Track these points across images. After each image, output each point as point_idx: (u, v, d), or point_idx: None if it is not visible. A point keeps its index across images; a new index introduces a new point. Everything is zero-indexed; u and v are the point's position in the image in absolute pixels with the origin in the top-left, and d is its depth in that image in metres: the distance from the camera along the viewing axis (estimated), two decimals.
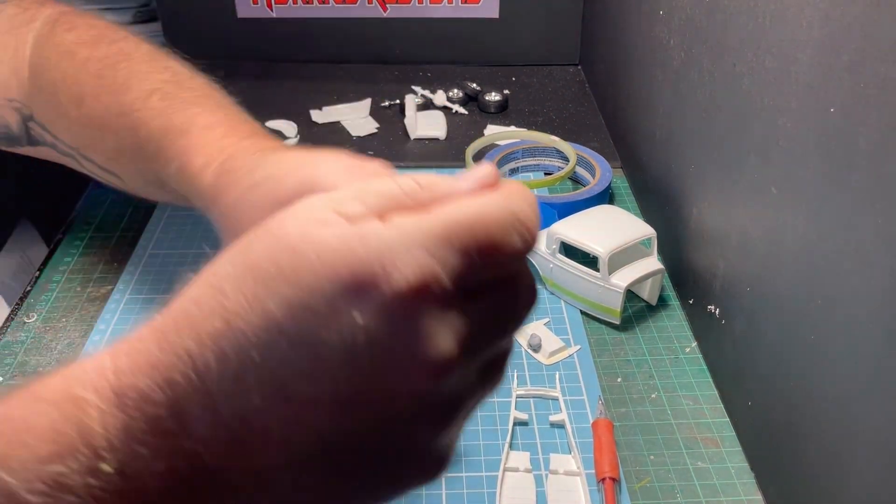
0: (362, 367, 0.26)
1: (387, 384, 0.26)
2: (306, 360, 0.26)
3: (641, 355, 0.62)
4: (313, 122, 0.94)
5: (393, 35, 1.06)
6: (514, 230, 0.27)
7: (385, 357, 0.26)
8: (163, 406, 0.27)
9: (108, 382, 0.27)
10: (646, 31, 0.74)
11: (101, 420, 0.26)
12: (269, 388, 0.26)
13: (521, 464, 0.53)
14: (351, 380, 0.26)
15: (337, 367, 0.26)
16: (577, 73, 1.07)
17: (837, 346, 0.41)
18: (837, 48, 0.40)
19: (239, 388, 0.26)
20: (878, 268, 0.37)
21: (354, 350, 0.25)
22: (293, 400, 0.26)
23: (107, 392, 0.27)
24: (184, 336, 0.28)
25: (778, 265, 0.48)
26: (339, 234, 0.26)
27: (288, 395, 0.26)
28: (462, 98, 0.98)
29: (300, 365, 0.26)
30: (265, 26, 1.06)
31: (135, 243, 0.73)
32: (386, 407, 0.27)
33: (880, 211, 0.37)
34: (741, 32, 0.52)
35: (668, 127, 0.68)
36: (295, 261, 0.26)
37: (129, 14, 1.15)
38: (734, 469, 0.53)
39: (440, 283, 0.25)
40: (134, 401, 0.27)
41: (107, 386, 0.27)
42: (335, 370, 0.26)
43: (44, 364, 0.61)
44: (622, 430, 0.55)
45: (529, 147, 0.83)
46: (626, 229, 0.64)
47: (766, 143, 0.49)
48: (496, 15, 1.05)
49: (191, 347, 0.27)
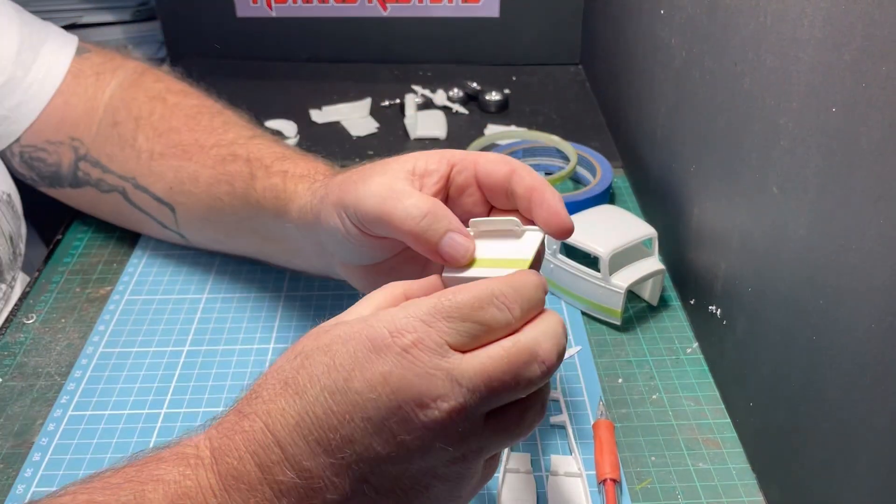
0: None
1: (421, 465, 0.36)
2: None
3: (642, 356, 0.61)
4: (313, 121, 0.94)
5: (393, 34, 1.06)
6: (538, 372, 0.36)
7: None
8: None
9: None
10: (647, 30, 0.74)
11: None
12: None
13: (522, 465, 0.52)
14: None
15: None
16: (577, 73, 1.07)
17: (839, 346, 0.41)
18: (839, 47, 0.40)
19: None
20: (880, 268, 0.37)
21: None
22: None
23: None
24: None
25: (779, 265, 0.48)
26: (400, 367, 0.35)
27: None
28: (462, 97, 0.98)
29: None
30: (265, 25, 1.06)
31: (135, 244, 0.73)
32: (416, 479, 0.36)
33: (882, 211, 0.36)
34: (742, 32, 0.52)
35: (669, 126, 0.68)
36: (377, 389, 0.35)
37: (128, 12, 1.14)
38: (735, 470, 0.52)
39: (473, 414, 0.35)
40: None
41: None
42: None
43: (43, 365, 0.60)
44: (623, 431, 0.55)
45: (530, 147, 0.83)
46: (626, 229, 0.64)
47: (767, 143, 0.49)
48: (496, 14, 1.05)
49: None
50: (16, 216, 0.68)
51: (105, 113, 0.66)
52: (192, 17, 1.05)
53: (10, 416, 0.56)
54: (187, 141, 0.62)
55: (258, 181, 0.57)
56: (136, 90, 0.67)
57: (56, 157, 0.68)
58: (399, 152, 0.93)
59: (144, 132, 0.64)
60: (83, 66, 0.69)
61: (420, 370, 0.34)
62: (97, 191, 0.68)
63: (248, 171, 0.58)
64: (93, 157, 0.66)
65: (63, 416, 0.56)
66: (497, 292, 0.37)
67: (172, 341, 0.63)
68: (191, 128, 0.63)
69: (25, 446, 0.54)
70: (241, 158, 0.59)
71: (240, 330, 0.64)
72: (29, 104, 0.66)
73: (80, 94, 0.67)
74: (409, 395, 0.34)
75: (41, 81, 0.67)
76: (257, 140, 0.61)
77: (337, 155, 0.87)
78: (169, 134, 0.63)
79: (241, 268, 0.70)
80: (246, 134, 0.62)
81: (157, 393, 0.58)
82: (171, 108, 0.65)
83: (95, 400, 0.58)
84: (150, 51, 1.12)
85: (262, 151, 0.58)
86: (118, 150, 0.65)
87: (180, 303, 0.66)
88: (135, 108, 0.65)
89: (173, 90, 0.67)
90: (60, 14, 1.11)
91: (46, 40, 0.68)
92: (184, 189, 0.62)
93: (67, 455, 0.53)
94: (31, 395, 0.58)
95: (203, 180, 0.61)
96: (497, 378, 0.35)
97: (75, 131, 0.67)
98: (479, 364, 0.35)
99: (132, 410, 0.57)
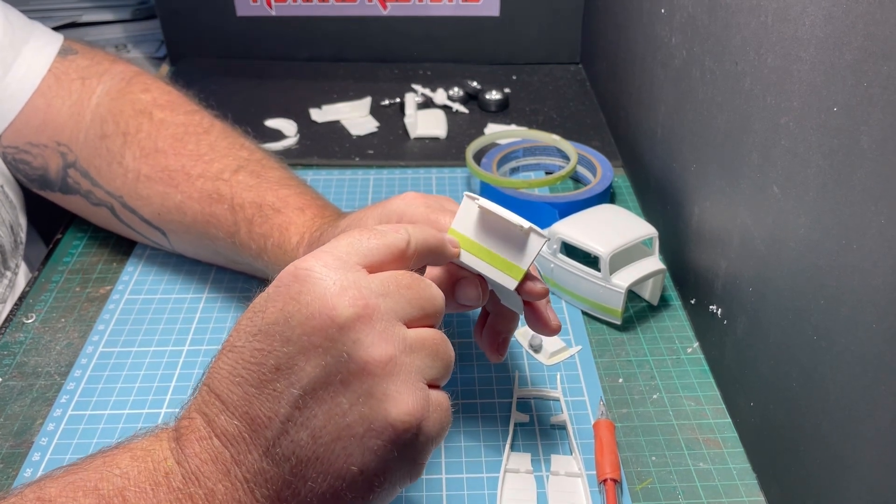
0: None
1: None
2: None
3: (643, 356, 0.61)
4: (313, 121, 0.94)
5: (393, 33, 1.06)
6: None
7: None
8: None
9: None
10: (647, 29, 0.74)
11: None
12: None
13: (522, 465, 0.52)
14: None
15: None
16: (578, 72, 1.06)
17: (840, 346, 0.41)
18: (840, 47, 0.40)
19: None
20: (880, 267, 0.37)
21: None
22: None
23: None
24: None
25: (780, 265, 0.48)
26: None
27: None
28: (462, 97, 0.97)
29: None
30: (264, 24, 1.06)
31: (134, 243, 0.73)
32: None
33: (883, 210, 0.36)
34: (743, 31, 0.52)
35: (669, 126, 0.68)
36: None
37: (128, 11, 1.14)
38: (736, 470, 0.52)
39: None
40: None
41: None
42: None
43: (42, 364, 0.60)
44: (623, 430, 0.55)
45: (530, 146, 0.82)
46: (627, 229, 0.64)
47: (768, 142, 0.49)
48: (497, 13, 1.05)
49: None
50: (12, 206, 0.68)
51: (92, 121, 0.66)
52: (191, 15, 1.05)
53: (9, 415, 0.56)
54: (174, 166, 0.62)
55: (241, 235, 0.59)
56: (123, 101, 0.66)
57: (42, 161, 0.67)
58: (399, 151, 0.93)
59: (132, 150, 0.64)
60: (68, 69, 0.68)
61: (328, 282, 0.36)
62: (87, 202, 0.68)
63: (233, 219, 0.60)
64: (82, 166, 0.66)
65: (63, 416, 0.56)
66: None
67: (172, 341, 0.63)
68: (177, 151, 0.63)
69: (25, 446, 0.54)
70: (225, 200, 0.60)
71: None
72: (6, 103, 0.66)
73: (63, 97, 0.67)
74: (322, 304, 0.35)
75: (20, 80, 0.66)
76: (241, 175, 0.61)
77: (337, 154, 0.87)
78: (156, 156, 0.63)
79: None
80: (231, 166, 0.62)
81: (156, 392, 0.58)
82: (158, 125, 0.64)
83: (95, 399, 0.58)
84: (150, 49, 1.12)
85: (244, 197, 0.60)
86: (105, 165, 0.65)
87: (180, 302, 0.66)
88: (122, 123, 0.65)
89: (160, 103, 0.66)
90: (60, 12, 1.12)
91: (29, 39, 0.68)
92: (172, 218, 0.63)
93: (67, 455, 0.53)
94: (31, 394, 0.58)
95: (190, 214, 0.62)
96: (400, 280, 0.38)
97: (61, 136, 0.66)
98: (384, 273, 0.38)
99: (132, 410, 0.57)
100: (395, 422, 0.36)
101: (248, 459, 0.36)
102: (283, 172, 0.63)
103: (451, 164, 0.86)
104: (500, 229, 0.45)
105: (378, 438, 0.36)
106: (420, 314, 0.39)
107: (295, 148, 0.89)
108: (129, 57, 1.10)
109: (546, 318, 0.49)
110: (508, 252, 0.45)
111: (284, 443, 0.35)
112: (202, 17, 1.05)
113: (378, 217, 0.50)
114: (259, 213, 0.59)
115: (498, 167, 0.79)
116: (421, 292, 0.39)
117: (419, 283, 0.39)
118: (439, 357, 0.38)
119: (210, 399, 0.37)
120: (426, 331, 0.39)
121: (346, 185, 0.82)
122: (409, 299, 0.38)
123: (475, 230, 0.45)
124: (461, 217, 0.45)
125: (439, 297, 0.40)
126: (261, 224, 0.58)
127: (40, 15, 1.08)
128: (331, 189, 0.82)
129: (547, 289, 0.48)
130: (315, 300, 0.36)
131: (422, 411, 0.36)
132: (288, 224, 0.57)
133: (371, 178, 0.83)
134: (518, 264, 0.44)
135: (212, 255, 0.66)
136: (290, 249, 0.56)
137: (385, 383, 0.36)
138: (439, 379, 0.39)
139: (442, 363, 0.39)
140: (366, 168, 0.85)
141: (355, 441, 0.35)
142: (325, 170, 0.85)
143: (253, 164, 0.62)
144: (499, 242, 0.45)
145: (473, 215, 0.45)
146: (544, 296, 0.48)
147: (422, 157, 0.87)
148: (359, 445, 0.35)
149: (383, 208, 0.50)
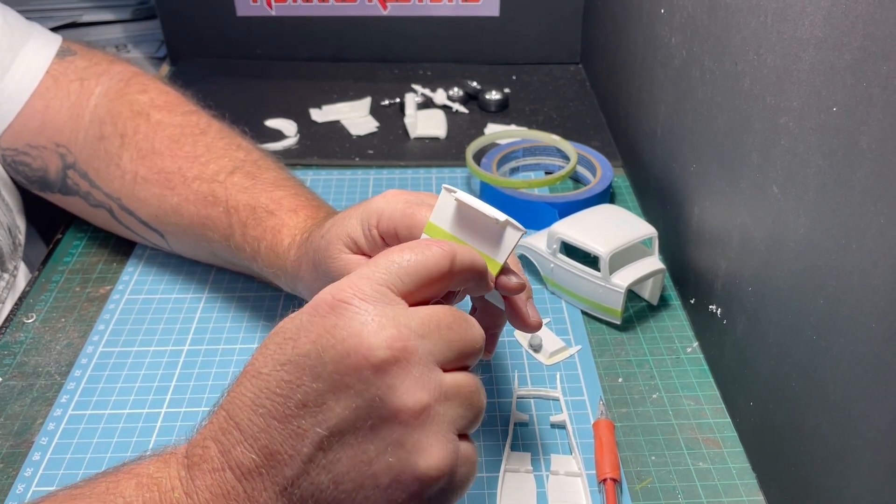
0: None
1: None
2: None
3: (642, 355, 0.61)
4: (313, 120, 0.94)
5: (393, 33, 1.06)
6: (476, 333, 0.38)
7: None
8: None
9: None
10: (647, 29, 0.74)
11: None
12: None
13: (522, 465, 0.52)
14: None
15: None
16: (577, 72, 1.07)
17: (839, 345, 0.41)
18: (840, 47, 0.40)
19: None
20: (880, 267, 0.37)
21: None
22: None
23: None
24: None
25: (780, 264, 0.48)
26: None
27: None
28: (462, 97, 0.97)
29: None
30: (264, 24, 1.06)
31: (134, 243, 0.73)
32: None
33: (883, 210, 0.36)
34: (743, 31, 0.52)
35: (669, 126, 0.68)
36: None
37: (128, 11, 1.14)
38: (736, 470, 0.52)
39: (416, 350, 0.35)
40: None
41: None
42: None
43: (43, 364, 0.60)
44: (623, 430, 0.55)
45: (530, 146, 0.82)
46: (627, 229, 0.64)
47: (767, 142, 0.49)
48: (496, 13, 1.05)
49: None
50: (9, 209, 0.68)
51: (91, 123, 0.66)
52: (192, 15, 1.05)
53: (10, 415, 0.56)
54: (170, 168, 0.62)
55: (236, 238, 0.59)
56: (121, 102, 0.66)
57: (41, 163, 0.67)
58: (399, 151, 0.93)
59: (129, 152, 0.64)
60: (66, 70, 0.68)
61: (366, 317, 0.34)
62: (86, 203, 0.68)
63: (227, 222, 0.59)
64: (81, 167, 0.66)
65: (63, 416, 0.56)
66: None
67: (172, 341, 0.63)
68: (173, 153, 0.63)
69: (25, 446, 0.54)
70: (220, 202, 0.60)
71: (240, 329, 0.64)
72: (5, 105, 0.66)
73: (62, 98, 0.66)
74: (358, 342, 0.34)
75: (18, 82, 0.66)
76: (237, 177, 0.61)
77: (337, 154, 0.87)
78: (152, 157, 0.63)
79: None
80: (227, 167, 0.61)
81: (156, 392, 0.58)
82: (155, 126, 0.64)
83: (95, 399, 0.58)
84: (150, 49, 1.12)
85: (238, 199, 0.59)
86: (104, 167, 0.65)
87: (180, 302, 0.66)
88: (120, 124, 0.65)
89: (158, 104, 0.66)
90: (61, 12, 1.12)
91: (27, 41, 0.68)
92: (169, 220, 0.63)
93: (67, 455, 0.53)
94: (31, 394, 0.58)
95: (186, 216, 0.62)
96: (441, 319, 0.36)
97: (60, 137, 0.66)
98: (425, 309, 0.36)
99: (132, 410, 0.57)
100: (423, 476, 0.34)
101: (263, 497, 0.34)
102: (278, 173, 0.62)
103: (451, 164, 0.86)
104: (476, 223, 0.43)
105: (403, 492, 0.34)
106: (457, 357, 0.37)
107: (295, 148, 0.89)
108: (129, 57, 1.10)
109: (524, 314, 0.47)
110: (485, 246, 0.43)
111: (304, 484, 0.34)
112: (202, 17, 1.05)
113: (360, 217, 0.48)
114: (253, 215, 0.58)
115: (498, 167, 0.79)
116: (463, 334, 0.37)
117: (461, 323, 0.37)
118: (473, 406, 0.36)
119: (228, 427, 0.35)
120: (462, 377, 0.36)
121: (346, 185, 0.83)
122: (450, 341, 0.36)
123: (452, 224, 0.44)
124: (439, 210, 0.44)
125: (480, 338, 0.38)
126: (254, 227, 0.58)
127: (40, 15, 1.09)
128: (331, 189, 0.82)
129: (523, 284, 0.45)
130: (351, 337, 0.34)
131: (451, 466, 0.35)
132: (280, 226, 0.56)
133: (371, 179, 0.84)
134: (495, 258, 0.43)
135: (210, 256, 0.66)
136: (281, 252, 0.55)
137: (417, 434, 0.34)
138: (469, 429, 0.37)
139: (474, 413, 0.36)
140: (366, 168, 0.86)
141: (379, 492, 0.34)
142: (325, 170, 0.85)
143: (249, 165, 0.62)
144: (476, 236, 0.44)
145: (451, 208, 0.44)
146: (520, 290, 0.45)
147: (422, 157, 0.87)
148: (382, 496, 0.34)
149: (365, 207, 0.49)
